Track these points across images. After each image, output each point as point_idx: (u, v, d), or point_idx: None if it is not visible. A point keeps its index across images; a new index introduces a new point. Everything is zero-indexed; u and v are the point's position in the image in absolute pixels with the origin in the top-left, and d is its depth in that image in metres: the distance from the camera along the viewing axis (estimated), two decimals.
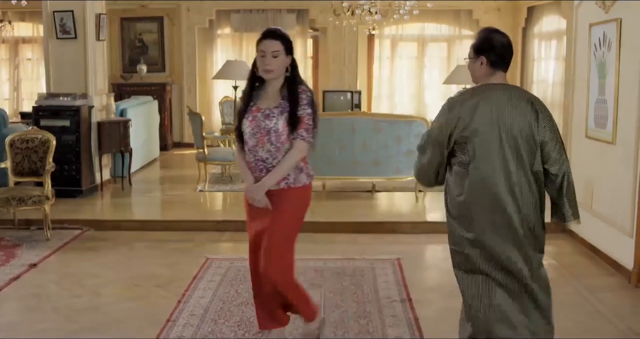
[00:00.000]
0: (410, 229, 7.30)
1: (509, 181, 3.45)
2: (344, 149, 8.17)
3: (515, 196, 3.45)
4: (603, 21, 6.11)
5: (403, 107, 13.50)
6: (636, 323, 4.73)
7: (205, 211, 8.24)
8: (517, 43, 12.91)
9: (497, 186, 3.45)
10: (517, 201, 3.46)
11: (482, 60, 3.58)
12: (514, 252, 3.49)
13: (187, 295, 5.21)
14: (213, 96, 13.21)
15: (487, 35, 3.61)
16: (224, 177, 9.87)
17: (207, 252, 6.42)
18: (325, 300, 5.12)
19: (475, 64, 3.61)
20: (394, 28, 13.27)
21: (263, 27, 12.53)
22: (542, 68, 11.81)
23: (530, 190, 3.48)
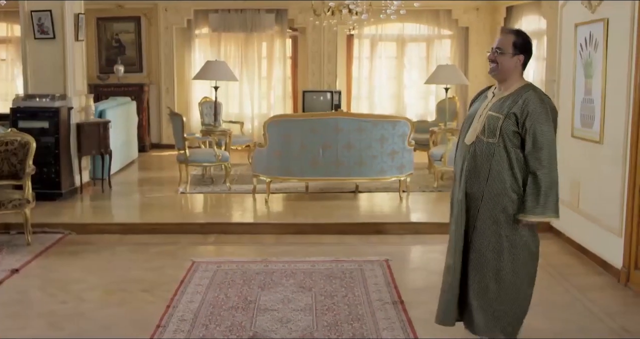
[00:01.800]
0: (396, 229, 7.26)
1: None
2: (328, 149, 8.10)
3: None
4: (589, 21, 6.11)
5: (382, 107, 13.48)
6: (628, 322, 4.72)
7: (188, 213, 8.13)
8: None
9: None
10: None
11: (520, 59, 3.87)
12: None
13: (175, 300, 5.11)
14: (191, 97, 13.08)
15: (529, 39, 3.91)
16: (205, 178, 9.76)
17: (192, 255, 6.32)
18: (317, 303, 5.05)
19: (512, 60, 3.83)
20: (373, 28, 13.25)
21: (241, 27, 12.77)
22: None
23: None
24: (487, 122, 3.81)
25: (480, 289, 3.89)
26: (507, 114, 3.76)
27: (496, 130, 3.77)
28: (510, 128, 3.76)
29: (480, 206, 3.83)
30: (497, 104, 3.84)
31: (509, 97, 3.82)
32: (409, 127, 8.30)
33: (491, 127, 3.79)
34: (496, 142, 3.78)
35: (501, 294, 3.88)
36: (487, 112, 3.84)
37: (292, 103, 13.56)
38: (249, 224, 7.34)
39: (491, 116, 3.81)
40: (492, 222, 3.81)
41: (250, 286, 5.44)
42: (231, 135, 10.20)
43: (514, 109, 3.75)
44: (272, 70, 13.23)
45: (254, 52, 13.18)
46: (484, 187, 3.82)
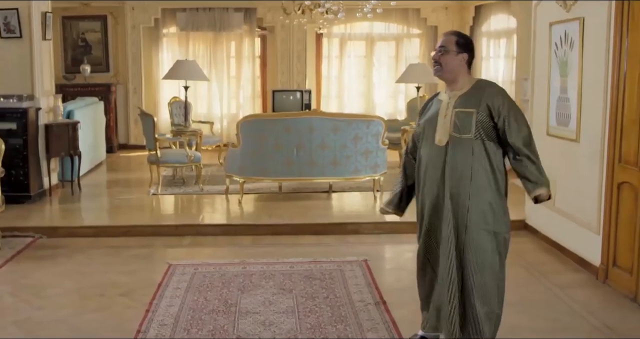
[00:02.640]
0: (372, 229, 7.23)
1: None
2: (302, 149, 8.04)
3: None
4: (564, 20, 6.15)
5: (352, 106, 13.49)
6: (609, 319, 4.75)
7: (161, 215, 8.01)
8: None
9: None
10: None
11: (464, 57, 3.87)
12: None
13: (154, 304, 5.01)
14: (160, 97, 12.92)
15: (470, 39, 3.98)
16: (176, 179, 9.64)
17: (168, 258, 6.22)
18: (298, 305, 4.99)
19: (457, 58, 3.85)
20: (342, 27, 13.24)
21: (210, 26, 12.63)
22: (490, 66, 11.92)
23: None
24: (457, 120, 3.79)
25: (480, 289, 3.83)
26: (480, 107, 3.75)
27: (470, 125, 3.76)
28: (486, 120, 3.75)
29: (469, 205, 3.79)
30: (460, 101, 3.82)
31: (470, 94, 3.82)
32: (382, 126, 8.28)
33: (464, 123, 3.77)
34: (472, 136, 3.77)
35: (493, 292, 3.86)
36: (454, 110, 3.81)
37: (261, 103, 13.47)
38: (225, 226, 7.24)
39: (460, 112, 3.79)
40: (483, 221, 3.78)
41: (230, 288, 5.37)
42: (202, 135, 10.09)
43: (484, 101, 3.76)
44: (241, 70, 13.14)
45: (223, 51, 13.07)
46: (469, 185, 3.78)
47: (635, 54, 5.01)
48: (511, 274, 5.31)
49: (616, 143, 5.29)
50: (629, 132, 5.12)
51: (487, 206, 3.79)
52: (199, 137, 9.95)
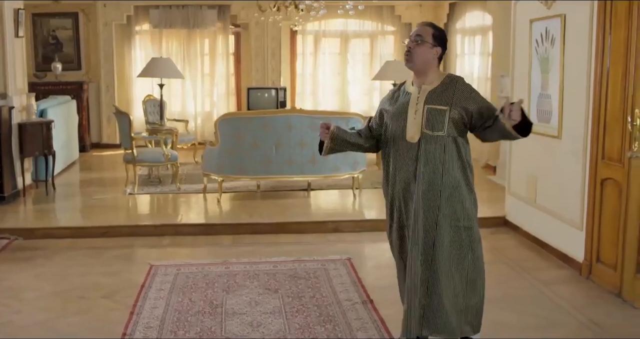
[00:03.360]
0: (353, 227, 7.21)
1: None
2: (281, 147, 7.98)
3: None
4: (545, 17, 6.17)
5: (327, 103, 13.45)
6: (595, 315, 4.77)
7: (139, 215, 7.90)
8: None
9: None
10: None
11: (438, 51, 3.85)
12: None
13: (138, 306, 4.93)
14: (133, 95, 12.77)
15: (445, 33, 3.94)
16: (152, 178, 9.53)
17: (149, 258, 6.13)
18: (285, 305, 4.94)
19: (431, 51, 3.80)
20: (316, 24, 13.18)
21: (183, 23, 12.51)
22: (465, 63, 11.96)
23: None
24: (428, 116, 3.75)
25: (448, 286, 3.80)
26: (452, 105, 3.72)
27: (443, 123, 3.73)
28: (458, 118, 3.74)
29: (441, 202, 3.75)
30: (431, 97, 3.77)
31: (441, 90, 3.78)
32: (361, 123, 8.23)
33: (436, 120, 3.74)
34: (445, 134, 3.75)
35: (467, 288, 3.85)
36: (425, 106, 3.76)
37: (236, 100, 13.37)
38: (204, 225, 7.16)
39: (433, 109, 3.75)
40: (452, 217, 3.76)
41: (214, 289, 5.30)
42: (177, 134, 9.98)
43: (457, 100, 3.73)
44: (214, 67, 13.03)
45: (196, 48, 12.94)
46: (441, 182, 3.76)
47: (619, 51, 5.04)
48: (493, 270, 5.36)
49: (599, 140, 5.32)
50: (613, 128, 5.15)
51: (459, 203, 3.79)
52: (175, 135, 9.84)
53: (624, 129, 4.98)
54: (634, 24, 4.83)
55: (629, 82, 4.89)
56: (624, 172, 4.99)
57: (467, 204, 3.82)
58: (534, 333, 4.48)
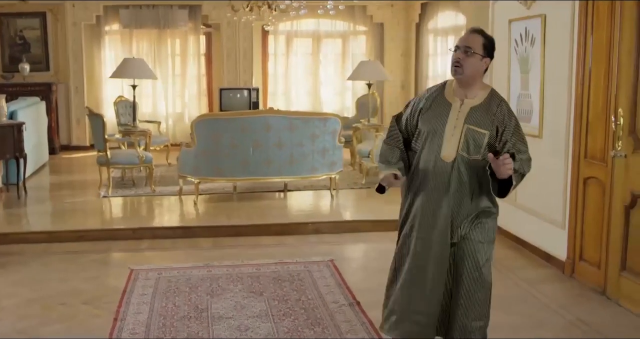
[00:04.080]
0: (333, 228, 7.17)
1: None
2: (258, 148, 7.91)
3: None
4: (525, 17, 6.19)
5: (299, 103, 13.41)
6: (583, 313, 4.79)
7: (115, 218, 7.76)
8: (411, 39, 13.10)
9: None
10: None
11: (487, 62, 3.60)
12: None
13: (121, 312, 4.82)
14: (103, 96, 12.59)
15: (494, 42, 3.66)
16: (125, 181, 9.38)
17: (129, 263, 6.01)
18: (272, 308, 4.88)
19: (481, 63, 3.56)
20: (288, 24, 13.13)
21: (154, 23, 12.37)
22: (438, 63, 12.00)
23: None
24: (466, 138, 3.55)
25: (470, 294, 3.69)
26: (491, 128, 3.55)
27: (481, 147, 3.54)
28: (492, 141, 3.56)
29: (463, 222, 3.62)
30: (473, 115, 3.56)
31: (483, 108, 3.57)
32: (339, 124, 8.22)
33: (475, 143, 3.55)
34: (480, 158, 3.55)
35: (485, 304, 3.77)
36: (465, 126, 3.55)
37: (207, 101, 13.26)
38: (183, 228, 7.06)
39: (473, 131, 3.55)
40: (475, 238, 3.63)
41: (198, 293, 5.22)
42: (151, 135, 9.85)
43: (496, 122, 3.55)
44: (186, 68, 12.90)
45: (167, 49, 12.82)
46: (470, 206, 3.61)
47: (601, 51, 5.07)
48: None
49: (581, 139, 5.35)
50: (595, 128, 5.18)
51: (484, 227, 3.65)
52: (148, 137, 9.71)
53: (607, 129, 5.01)
54: (616, 23, 4.86)
55: (612, 81, 4.92)
56: (607, 171, 5.03)
57: (490, 226, 3.69)
58: (526, 333, 4.48)
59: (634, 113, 4.72)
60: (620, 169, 4.87)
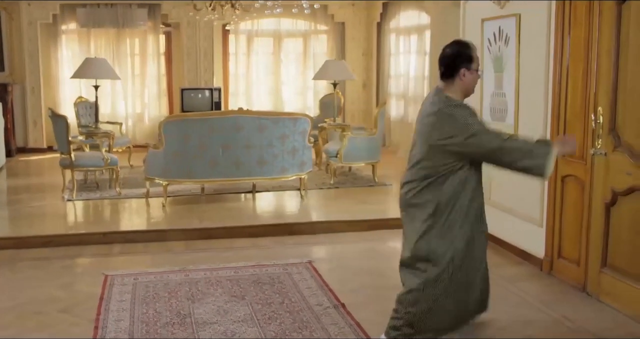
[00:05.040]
0: (308, 229, 7.11)
1: None
2: (228, 149, 7.80)
3: None
4: (498, 16, 6.22)
5: (260, 103, 13.31)
6: (566, 310, 4.83)
7: (84, 223, 7.55)
8: (372, 38, 13.12)
9: None
10: None
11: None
12: None
13: (101, 319, 4.69)
14: (60, 97, 12.32)
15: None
16: (89, 184, 9.17)
17: (102, 268, 5.86)
18: (256, 312, 4.80)
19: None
20: (249, 23, 13.02)
21: (112, 22, 12.12)
22: (400, 62, 12.03)
23: None
24: None
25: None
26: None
27: None
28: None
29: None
30: None
31: None
32: (309, 124, 8.17)
33: None
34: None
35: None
36: None
37: (168, 101, 13.06)
38: (155, 232, 6.90)
39: None
40: None
41: (178, 298, 5.11)
42: (114, 137, 9.65)
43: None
44: (145, 68, 12.70)
45: (126, 48, 12.60)
46: None
47: (579, 50, 5.11)
48: None
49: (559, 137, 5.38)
50: (573, 126, 5.22)
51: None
52: (112, 138, 9.51)
53: (585, 127, 5.06)
54: (594, 22, 4.91)
55: (591, 80, 4.97)
56: (586, 169, 5.08)
57: None
58: (514, 331, 4.49)
59: (614, 111, 4.78)
60: (600, 167, 4.92)
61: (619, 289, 4.79)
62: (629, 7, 4.60)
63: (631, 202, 4.66)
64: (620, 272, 4.77)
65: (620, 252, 4.78)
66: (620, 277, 4.77)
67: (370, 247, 6.69)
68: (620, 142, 4.72)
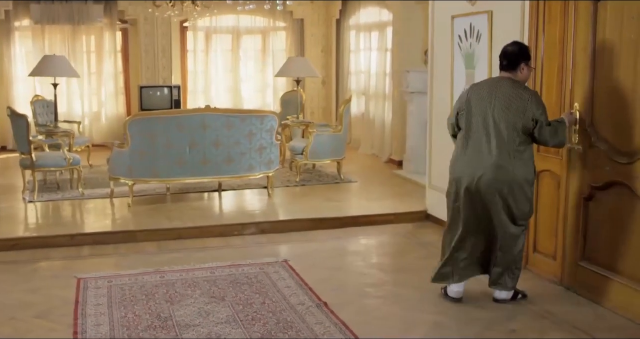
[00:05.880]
0: (278, 228, 7.06)
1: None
2: (195, 147, 7.70)
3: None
4: (469, 13, 6.26)
5: (219, 101, 13.16)
6: (548, 304, 4.87)
7: (48, 225, 7.28)
8: (331, 35, 13.11)
9: None
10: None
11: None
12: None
13: (80, 324, 4.56)
14: (14, 95, 11.97)
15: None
16: (49, 184, 8.93)
17: (73, 271, 5.71)
18: (238, 313, 4.74)
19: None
20: (207, 20, 12.87)
21: (67, 18, 11.84)
22: (360, 59, 12.04)
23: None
24: None
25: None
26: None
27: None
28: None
29: None
30: None
31: None
32: (276, 121, 8.10)
33: None
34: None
35: None
36: None
37: (125, 99, 12.83)
38: (125, 232, 6.75)
39: None
40: None
41: (156, 300, 5.01)
42: (74, 136, 9.44)
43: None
44: (102, 65, 12.45)
45: (82, 45, 12.34)
46: None
47: (554, 47, 5.17)
48: (429, 266, 5.38)
49: None
50: None
51: None
52: (72, 138, 9.30)
53: None
54: (570, 20, 4.97)
55: (566, 77, 5.04)
56: (562, 164, 5.14)
57: None
58: (500, 325, 4.53)
59: (590, 107, 4.84)
60: (577, 162, 4.99)
61: (595, 282, 4.87)
62: (604, 6, 4.68)
63: (609, 197, 4.73)
64: (600, 265, 4.84)
65: (599, 246, 4.86)
66: (599, 270, 4.84)
67: (343, 246, 6.68)
68: (598, 137, 4.79)
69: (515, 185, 4.58)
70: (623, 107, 4.57)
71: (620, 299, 4.64)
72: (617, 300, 4.68)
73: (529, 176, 4.64)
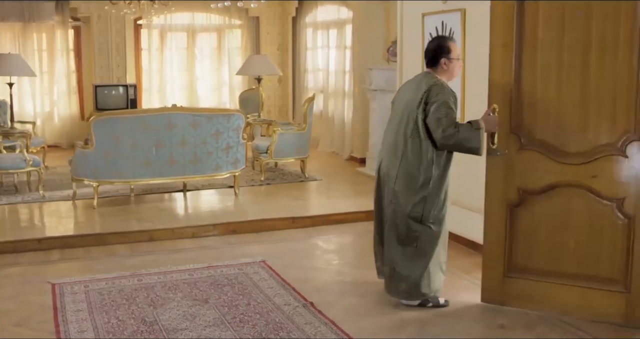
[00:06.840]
0: (251, 228, 7.00)
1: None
2: (161, 147, 7.57)
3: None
4: (440, 11, 6.30)
5: (175, 100, 12.95)
6: None
7: (13, 229, 7.03)
8: (287, 32, 13.06)
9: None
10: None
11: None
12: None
13: (62, 332, 4.44)
14: None
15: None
16: (6, 187, 8.66)
17: (45, 276, 5.55)
18: (224, 315, 4.67)
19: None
20: (162, 18, 12.67)
21: (18, 16, 11.51)
22: (318, 57, 12.02)
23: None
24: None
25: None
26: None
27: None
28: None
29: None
30: None
31: None
32: (242, 120, 8.03)
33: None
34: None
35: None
36: None
37: (78, 99, 12.53)
38: (95, 235, 6.60)
39: None
40: None
41: (138, 305, 4.90)
42: (31, 136, 9.18)
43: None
44: (53, 64, 12.13)
45: (33, 44, 12.00)
46: None
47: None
48: None
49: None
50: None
51: None
52: (29, 138, 9.05)
53: None
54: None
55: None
56: None
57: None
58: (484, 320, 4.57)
59: (519, 109, 4.80)
60: (499, 168, 4.90)
61: (539, 290, 4.72)
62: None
63: (548, 200, 4.63)
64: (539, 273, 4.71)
65: (538, 253, 4.71)
66: (539, 278, 4.70)
67: (317, 245, 6.66)
68: (532, 140, 4.67)
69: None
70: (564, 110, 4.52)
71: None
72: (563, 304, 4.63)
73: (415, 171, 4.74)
